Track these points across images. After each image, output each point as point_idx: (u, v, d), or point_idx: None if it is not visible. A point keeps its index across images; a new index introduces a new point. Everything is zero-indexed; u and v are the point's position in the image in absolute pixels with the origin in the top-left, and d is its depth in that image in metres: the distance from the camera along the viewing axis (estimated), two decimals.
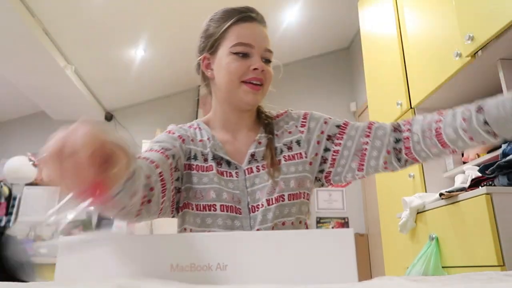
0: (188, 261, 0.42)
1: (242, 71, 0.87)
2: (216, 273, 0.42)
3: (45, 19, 2.80)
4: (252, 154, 0.91)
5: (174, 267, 0.42)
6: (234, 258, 0.42)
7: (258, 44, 0.89)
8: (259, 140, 0.93)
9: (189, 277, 0.42)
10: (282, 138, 0.95)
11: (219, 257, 0.42)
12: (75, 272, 0.44)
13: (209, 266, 0.42)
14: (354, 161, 0.88)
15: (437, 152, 0.82)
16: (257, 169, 0.90)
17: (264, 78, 0.89)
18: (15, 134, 4.16)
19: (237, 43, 0.88)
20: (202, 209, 0.85)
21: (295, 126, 0.97)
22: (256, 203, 0.86)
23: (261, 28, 0.92)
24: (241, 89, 0.88)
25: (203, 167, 0.88)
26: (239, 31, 0.90)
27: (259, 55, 0.88)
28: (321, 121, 0.95)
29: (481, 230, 1.27)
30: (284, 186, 0.87)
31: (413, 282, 0.39)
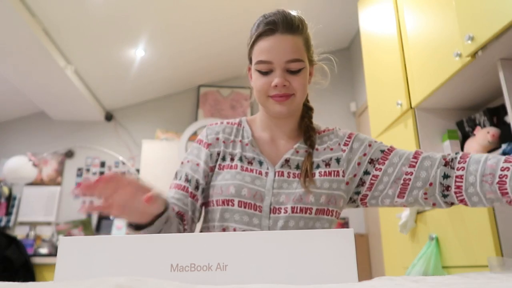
0: (188, 261, 0.43)
1: (266, 88, 0.90)
2: (216, 273, 0.42)
3: (45, 19, 2.81)
4: (287, 159, 0.94)
5: (174, 267, 0.42)
6: (234, 258, 0.42)
7: (277, 59, 0.88)
8: (297, 149, 0.96)
9: (189, 277, 0.42)
10: (322, 154, 0.96)
11: (219, 257, 0.43)
12: (75, 272, 0.44)
13: (209, 266, 0.42)
14: (392, 188, 0.88)
15: (492, 199, 0.77)
16: (287, 175, 0.92)
17: (288, 91, 0.89)
18: (15, 134, 4.16)
19: (257, 61, 0.90)
20: (221, 203, 0.89)
21: (338, 144, 0.97)
22: (278, 206, 0.88)
23: (283, 38, 0.89)
24: (268, 103, 0.92)
25: (229, 166, 0.94)
26: (259, 47, 0.91)
27: (281, 69, 0.88)
28: (365, 143, 0.95)
29: (481, 230, 1.27)
30: (314, 200, 0.88)
31: (413, 282, 0.39)
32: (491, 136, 1.65)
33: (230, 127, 1.01)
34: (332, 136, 1.00)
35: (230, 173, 0.91)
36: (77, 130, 4.19)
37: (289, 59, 0.88)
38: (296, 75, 0.90)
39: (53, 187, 3.98)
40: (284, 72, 0.89)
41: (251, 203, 0.88)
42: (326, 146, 0.97)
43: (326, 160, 0.94)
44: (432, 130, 1.93)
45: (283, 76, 0.88)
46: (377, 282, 0.38)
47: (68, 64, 3.31)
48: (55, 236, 3.71)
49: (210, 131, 1.01)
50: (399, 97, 2.04)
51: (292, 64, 0.89)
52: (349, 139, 0.97)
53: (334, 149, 0.96)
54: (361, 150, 0.94)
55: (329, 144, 0.98)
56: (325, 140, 0.99)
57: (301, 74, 0.90)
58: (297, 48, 0.90)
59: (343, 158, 0.94)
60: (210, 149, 0.97)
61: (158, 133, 3.95)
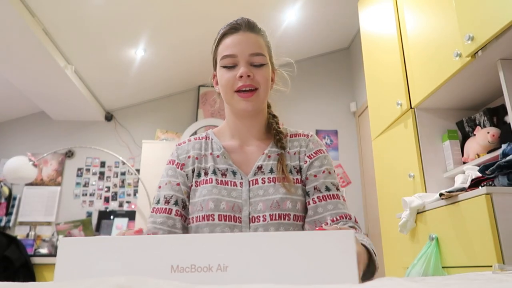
0: (189, 262, 0.42)
1: (231, 82, 0.92)
2: (217, 274, 0.42)
3: (45, 19, 2.81)
4: (259, 166, 0.96)
5: (174, 268, 0.42)
6: (235, 259, 0.42)
7: (241, 52, 0.92)
8: (268, 154, 0.98)
9: (189, 278, 0.42)
10: (293, 159, 0.99)
11: (220, 258, 0.42)
12: (74, 273, 0.44)
13: (210, 267, 0.42)
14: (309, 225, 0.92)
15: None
16: (262, 181, 0.94)
17: (253, 83, 0.92)
18: (15, 134, 4.16)
19: (222, 57, 0.94)
20: (201, 219, 0.90)
21: (305, 153, 1.00)
22: (257, 214, 0.90)
23: (246, 35, 0.95)
24: (234, 100, 0.93)
25: (204, 181, 0.95)
26: (224, 45, 0.95)
27: (245, 62, 0.92)
28: (323, 167, 0.97)
29: (481, 230, 1.27)
30: (291, 206, 0.91)
31: (414, 282, 0.39)
32: (491, 136, 1.65)
33: (199, 142, 1.02)
34: (303, 142, 1.02)
35: (206, 188, 0.93)
36: (77, 130, 4.19)
37: (252, 52, 0.93)
38: (259, 69, 0.93)
39: (53, 187, 3.98)
40: (248, 65, 0.92)
41: (230, 215, 0.90)
42: (296, 151, 1.00)
43: (296, 167, 0.98)
44: (432, 130, 1.93)
45: (247, 68, 0.92)
46: (377, 283, 0.38)
47: (68, 64, 3.30)
48: (55, 236, 3.71)
49: (180, 151, 1.01)
50: (399, 97, 2.04)
51: (255, 58, 0.93)
52: (315, 154, 0.99)
53: (301, 157, 0.99)
54: (317, 170, 0.96)
55: (299, 150, 1.00)
56: (295, 144, 1.01)
57: (264, 68, 0.94)
58: (259, 45, 0.95)
59: (303, 169, 0.97)
60: (185, 170, 0.98)
61: (158, 133, 3.95)
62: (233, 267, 0.42)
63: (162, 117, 4.24)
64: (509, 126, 1.58)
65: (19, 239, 3.25)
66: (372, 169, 3.42)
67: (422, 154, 1.87)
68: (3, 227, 3.79)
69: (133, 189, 4.01)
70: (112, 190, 4.01)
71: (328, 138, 4.08)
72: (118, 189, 4.01)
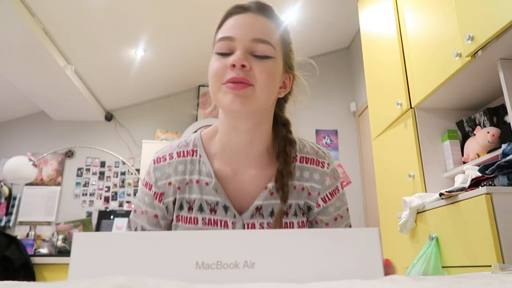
0: (215, 258, 0.41)
1: (221, 72, 0.69)
2: (244, 271, 0.40)
3: (45, 19, 2.80)
4: (258, 207, 0.76)
5: (199, 265, 0.40)
6: (261, 255, 0.41)
7: (240, 34, 0.70)
8: (271, 191, 0.76)
9: (215, 275, 0.40)
10: (301, 196, 0.78)
11: (246, 254, 0.41)
12: (90, 270, 0.41)
13: (236, 264, 0.41)
14: None
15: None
16: (260, 226, 0.75)
17: (248, 76, 0.68)
18: (15, 134, 4.16)
19: (218, 39, 0.72)
20: None
21: (318, 193, 0.79)
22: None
23: (254, 16, 0.73)
24: (221, 93, 0.70)
25: (187, 219, 0.78)
26: (224, 27, 0.73)
27: (243, 48, 0.69)
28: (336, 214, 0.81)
29: (481, 230, 1.27)
30: None
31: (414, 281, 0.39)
32: (491, 136, 1.65)
33: (183, 162, 0.79)
34: (317, 176, 0.79)
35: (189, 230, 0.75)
36: (77, 130, 4.19)
37: (255, 37, 0.70)
38: (261, 60, 0.70)
39: (53, 187, 3.98)
40: (246, 53, 0.69)
41: None
42: (306, 187, 0.78)
43: (303, 207, 0.78)
44: (432, 130, 1.93)
45: (244, 55, 0.68)
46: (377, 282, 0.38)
47: (68, 64, 3.30)
48: (55, 236, 3.71)
49: (159, 174, 0.80)
50: (399, 97, 2.04)
51: (259, 46, 0.70)
52: (331, 197, 0.80)
53: (312, 195, 0.79)
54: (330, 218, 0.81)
55: (311, 185, 0.79)
56: (305, 176, 0.79)
57: (268, 62, 0.70)
58: (267, 30, 0.72)
59: (313, 212, 0.79)
60: (164, 201, 0.79)
61: (158, 133, 3.95)
62: (260, 264, 0.41)
63: (162, 117, 4.24)
64: (509, 126, 1.58)
65: (19, 239, 3.25)
66: (372, 169, 3.42)
67: (422, 154, 1.87)
68: (3, 227, 3.79)
69: (133, 189, 4.01)
70: (112, 190, 4.01)
71: (328, 138, 4.08)
72: (118, 189, 4.01)
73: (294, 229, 0.76)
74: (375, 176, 2.38)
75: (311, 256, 0.42)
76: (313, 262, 0.41)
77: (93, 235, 0.42)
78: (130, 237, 0.42)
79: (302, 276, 0.41)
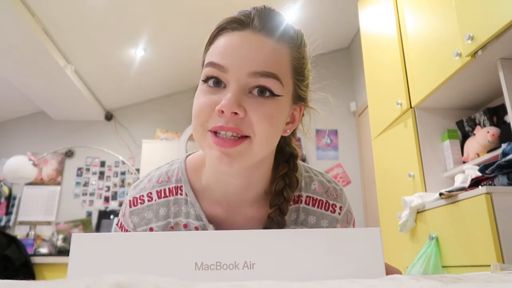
0: (214, 259, 0.40)
1: (206, 112, 0.55)
2: (243, 271, 0.40)
3: (45, 18, 2.80)
4: None
5: (198, 266, 0.40)
6: (261, 256, 0.41)
7: (236, 65, 0.53)
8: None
9: (215, 276, 0.40)
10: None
11: (246, 255, 0.41)
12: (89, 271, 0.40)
13: (236, 265, 0.40)
14: None
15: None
16: None
17: (239, 127, 0.52)
18: (15, 134, 4.16)
19: (206, 64, 0.56)
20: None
21: None
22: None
23: (256, 38, 0.55)
24: (206, 142, 0.55)
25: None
26: (216, 46, 0.57)
27: (236, 86, 0.53)
28: None
29: (481, 230, 1.27)
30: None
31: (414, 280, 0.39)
32: (491, 136, 1.65)
33: (165, 204, 0.66)
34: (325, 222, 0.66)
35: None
36: (77, 130, 4.19)
37: (254, 70, 0.53)
38: (261, 102, 0.53)
39: (53, 187, 3.98)
40: (241, 92, 0.53)
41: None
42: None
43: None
44: (432, 129, 1.93)
45: (237, 96, 0.52)
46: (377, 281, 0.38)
47: (68, 64, 3.30)
48: (55, 235, 3.71)
49: (137, 220, 0.66)
50: (399, 97, 2.04)
51: (260, 81, 0.53)
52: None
53: None
54: None
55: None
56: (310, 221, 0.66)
57: (271, 103, 0.54)
58: (274, 58, 0.55)
59: None
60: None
61: (158, 133, 3.96)
62: (260, 264, 0.40)
63: (162, 117, 4.24)
64: (509, 126, 1.58)
65: (19, 239, 3.25)
66: (372, 169, 3.42)
67: (422, 154, 1.88)
68: (3, 227, 3.79)
69: None
70: (112, 189, 4.01)
71: (328, 138, 4.08)
72: (118, 189, 4.01)
73: (294, 229, 0.74)
74: (375, 176, 2.38)
75: (312, 256, 0.41)
76: (314, 263, 0.41)
77: (91, 236, 0.42)
78: (128, 238, 0.42)
79: (302, 276, 0.40)
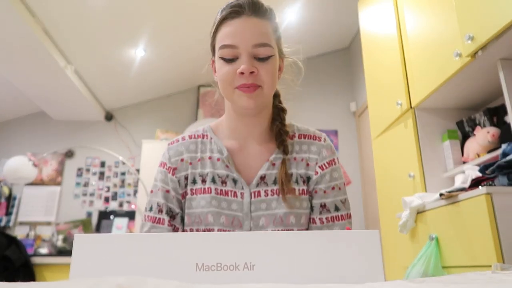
0: (214, 260, 0.41)
1: (231, 77, 0.80)
2: (244, 273, 0.41)
3: (45, 19, 2.81)
4: (263, 176, 0.86)
5: (199, 267, 0.41)
6: (261, 257, 0.41)
7: (243, 42, 0.79)
8: (273, 162, 0.87)
9: (215, 277, 0.40)
10: (300, 166, 0.89)
11: (246, 256, 0.41)
12: (91, 271, 0.41)
13: (236, 266, 0.41)
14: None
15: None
16: (265, 193, 0.85)
17: (255, 81, 0.80)
18: (15, 134, 4.16)
19: (220, 46, 0.81)
20: (201, 232, 0.84)
21: (316, 162, 0.89)
22: (259, 230, 0.83)
23: (250, 20, 0.81)
24: (235, 95, 0.82)
25: (201, 190, 0.87)
26: (223, 32, 0.82)
27: (247, 55, 0.80)
28: (333, 183, 0.89)
29: (481, 230, 1.27)
30: (295, 221, 0.84)
31: (413, 283, 0.39)
32: (491, 136, 1.65)
33: (194, 143, 0.92)
34: (314, 148, 0.91)
35: (204, 199, 0.85)
36: (77, 130, 4.19)
37: (256, 43, 0.80)
38: (264, 63, 0.81)
39: (53, 187, 3.98)
40: (251, 59, 0.80)
41: (230, 230, 0.83)
42: (305, 158, 0.90)
43: (304, 176, 0.88)
44: (432, 130, 1.93)
45: (250, 62, 0.79)
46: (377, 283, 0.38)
47: (68, 64, 3.30)
48: (55, 236, 3.71)
49: (172, 152, 0.91)
50: (399, 97, 2.04)
51: (260, 49, 0.80)
52: (328, 165, 0.89)
53: (310, 165, 0.89)
54: (328, 185, 0.88)
55: (309, 156, 0.90)
56: (304, 148, 0.91)
57: (270, 62, 0.82)
58: (265, 32, 0.82)
59: (312, 180, 0.88)
60: (177, 175, 0.89)
61: (158, 133, 3.95)
62: (260, 266, 0.41)
63: (162, 117, 4.24)
64: (509, 126, 1.58)
65: (19, 239, 3.25)
66: (372, 169, 3.42)
67: (422, 154, 1.88)
68: (3, 227, 3.79)
69: (133, 189, 4.01)
70: (112, 190, 4.01)
71: (328, 138, 4.08)
72: (118, 189, 4.01)
73: (294, 231, 0.80)
74: (375, 176, 2.38)
75: (311, 258, 0.42)
76: (314, 264, 0.41)
77: (93, 236, 0.42)
78: (130, 239, 0.43)
79: (302, 278, 0.41)
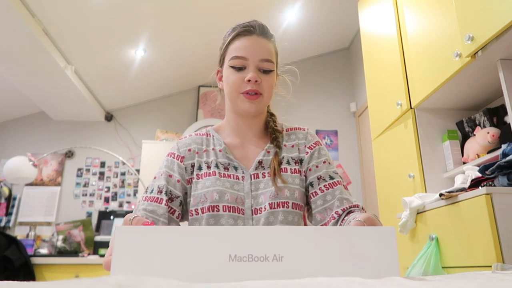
0: (246, 252, 0.45)
1: (238, 83, 0.96)
2: (273, 263, 0.44)
3: (45, 19, 2.81)
4: (260, 161, 1.00)
5: (232, 257, 0.44)
6: (289, 250, 0.45)
7: (252, 56, 0.96)
8: (268, 150, 1.02)
9: (247, 267, 0.44)
10: (290, 151, 1.04)
11: (275, 249, 0.45)
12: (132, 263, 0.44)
13: (266, 257, 0.45)
14: (321, 214, 0.95)
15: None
16: (262, 175, 0.98)
17: (259, 88, 0.95)
18: (15, 134, 4.16)
19: (232, 57, 0.97)
20: (207, 210, 0.92)
21: (304, 145, 1.05)
22: (259, 206, 0.93)
23: (260, 40, 0.98)
24: (239, 100, 0.97)
25: (207, 173, 0.97)
26: (236, 45, 0.98)
27: (254, 67, 0.96)
28: (323, 158, 1.02)
29: (481, 230, 1.27)
30: (289, 194, 0.94)
31: (413, 281, 0.39)
32: (491, 136, 1.65)
33: (200, 138, 1.05)
34: (301, 135, 1.07)
35: (210, 180, 0.95)
36: (77, 130, 4.19)
37: (262, 58, 0.96)
38: (267, 75, 0.97)
39: (53, 187, 3.98)
40: (257, 70, 0.96)
41: (234, 206, 0.92)
42: (295, 144, 1.05)
43: (295, 158, 1.02)
44: (432, 130, 1.93)
45: (256, 72, 0.95)
46: (377, 281, 0.38)
47: (68, 64, 3.31)
48: (55, 236, 3.71)
49: (181, 144, 1.04)
50: (399, 97, 2.04)
51: (264, 64, 0.97)
52: (315, 145, 1.04)
53: (300, 149, 1.04)
54: (318, 161, 1.01)
55: (297, 142, 1.05)
56: (292, 138, 1.07)
57: (271, 76, 0.98)
58: (270, 51, 0.99)
59: (304, 160, 1.02)
60: (184, 162, 1.00)
61: (158, 133, 3.95)
62: (288, 258, 0.45)
63: (162, 117, 4.24)
64: (509, 126, 1.58)
65: (19, 239, 3.25)
66: (372, 169, 3.42)
67: (422, 154, 1.88)
68: (3, 227, 3.79)
69: (133, 189, 4.01)
70: (112, 190, 4.01)
71: (328, 138, 4.08)
72: (118, 189, 4.01)
73: (318, 226, 0.85)
74: (375, 176, 2.38)
75: (332, 251, 0.46)
76: (334, 258, 0.46)
77: (134, 229, 0.46)
78: (168, 232, 0.46)
79: (323, 270, 0.45)
